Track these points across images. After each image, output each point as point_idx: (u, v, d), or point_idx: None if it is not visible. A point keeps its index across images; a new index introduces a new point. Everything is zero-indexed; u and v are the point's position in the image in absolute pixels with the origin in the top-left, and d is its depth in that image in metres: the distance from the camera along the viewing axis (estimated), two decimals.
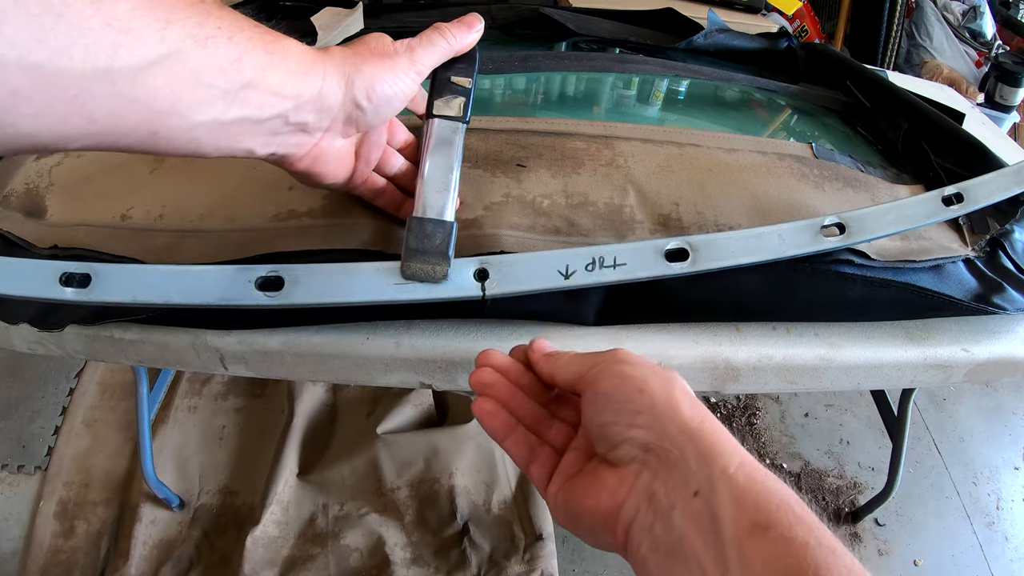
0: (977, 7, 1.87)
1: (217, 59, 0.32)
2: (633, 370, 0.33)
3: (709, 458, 0.29)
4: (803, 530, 0.26)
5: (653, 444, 0.31)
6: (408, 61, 0.42)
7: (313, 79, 0.37)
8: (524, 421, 0.39)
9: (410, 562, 0.98)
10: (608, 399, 0.33)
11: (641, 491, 0.30)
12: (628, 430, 0.32)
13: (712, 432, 0.30)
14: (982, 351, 0.54)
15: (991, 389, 1.46)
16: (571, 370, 0.36)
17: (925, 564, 1.13)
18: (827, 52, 0.90)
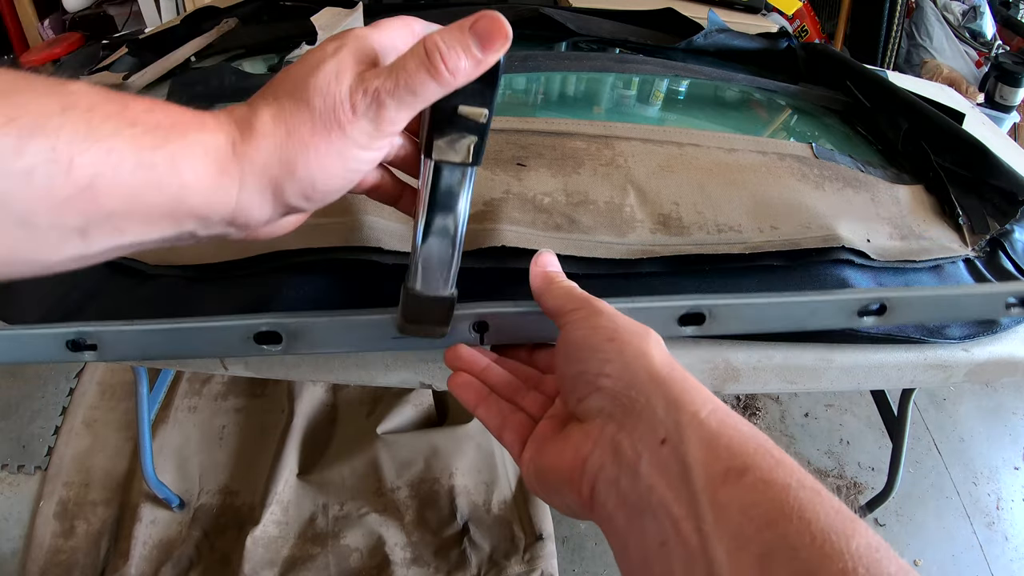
0: (977, 7, 1.87)
1: (53, 191, 0.23)
2: (606, 320, 0.32)
3: (678, 404, 0.27)
4: (784, 472, 0.24)
5: (620, 392, 0.29)
6: (370, 130, 0.29)
7: (223, 193, 0.28)
8: (498, 390, 0.38)
9: (410, 562, 0.98)
10: (579, 347, 0.32)
11: (606, 443, 0.29)
12: (597, 379, 0.30)
13: (682, 379, 0.29)
14: (982, 351, 0.54)
15: (991, 389, 1.46)
16: (557, 301, 0.36)
17: (925, 564, 1.13)
18: (827, 52, 0.90)
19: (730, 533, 0.23)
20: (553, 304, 0.36)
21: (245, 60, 0.89)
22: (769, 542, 0.22)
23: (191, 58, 0.85)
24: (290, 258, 0.49)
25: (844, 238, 0.54)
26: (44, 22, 2.02)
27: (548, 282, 0.37)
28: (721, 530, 0.23)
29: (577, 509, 0.30)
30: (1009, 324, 0.55)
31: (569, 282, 0.37)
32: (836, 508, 0.23)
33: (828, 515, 0.22)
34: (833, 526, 0.22)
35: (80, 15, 2.03)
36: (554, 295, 0.36)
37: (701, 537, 0.23)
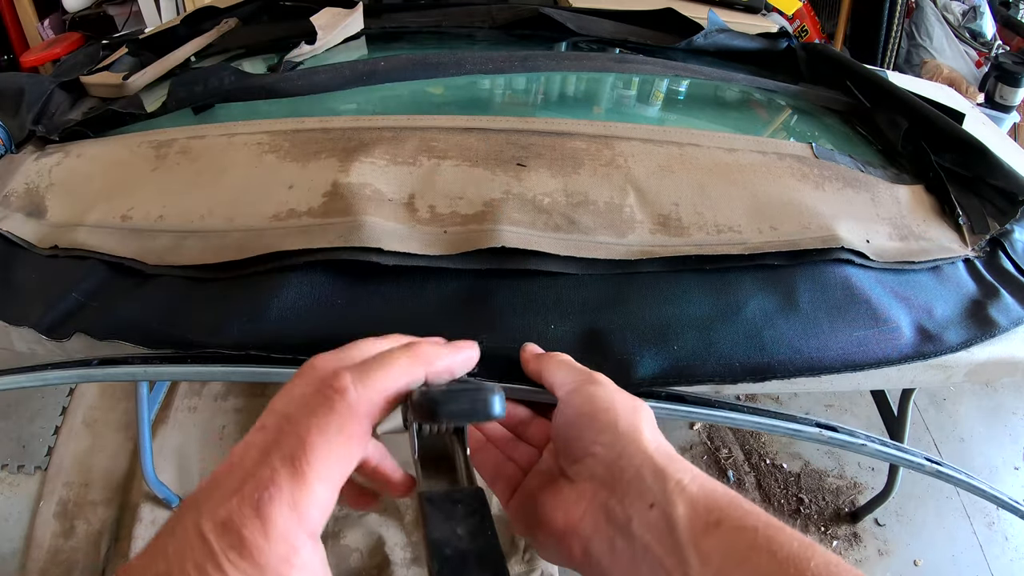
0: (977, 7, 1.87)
1: None
2: (604, 392, 0.36)
3: (664, 474, 0.31)
4: (752, 518, 0.29)
5: (612, 461, 0.33)
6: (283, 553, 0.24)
7: None
8: (492, 440, 0.42)
9: (410, 562, 0.98)
10: (577, 414, 0.35)
11: (598, 508, 0.32)
12: (591, 446, 0.34)
13: (667, 454, 0.33)
14: (982, 351, 0.54)
15: (991, 389, 1.46)
16: (556, 375, 0.39)
17: (925, 564, 1.13)
18: (827, 52, 0.90)
19: (713, 573, 0.27)
20: (554, 378, 0.39)
21: (245, 60, 0.89)
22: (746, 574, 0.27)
23: (191, 58, 0.85)
24: (290, 258, 0.49)
25: (843, 239, 0.54)
26: (44, 22, 2.02)
27: (544, 358, 0.41)
28: (706, 572, 0.28)
29: (563, 561, 0.34)
30: (1008, 325, 0.55)
31: (564, 357, 0.41)
32: (797, 539, 0.27)
33: (791, 545, 0.27)
34: (794, 552, 0.27)
35: (80, 15, 2.03)
36: (551, 370, 0.39)
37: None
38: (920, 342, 0.53)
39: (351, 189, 0.52)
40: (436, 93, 0.76)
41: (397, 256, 0.49)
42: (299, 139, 0.58)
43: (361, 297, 0.49)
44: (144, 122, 0.67)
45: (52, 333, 0.49)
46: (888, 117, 0.75)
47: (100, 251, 0.52)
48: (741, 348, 0.49)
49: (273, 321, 0.47)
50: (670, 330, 0.49)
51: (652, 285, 0.51)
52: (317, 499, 0.25)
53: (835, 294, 0.53)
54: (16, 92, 0.73)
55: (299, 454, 0.26)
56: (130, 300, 0.50)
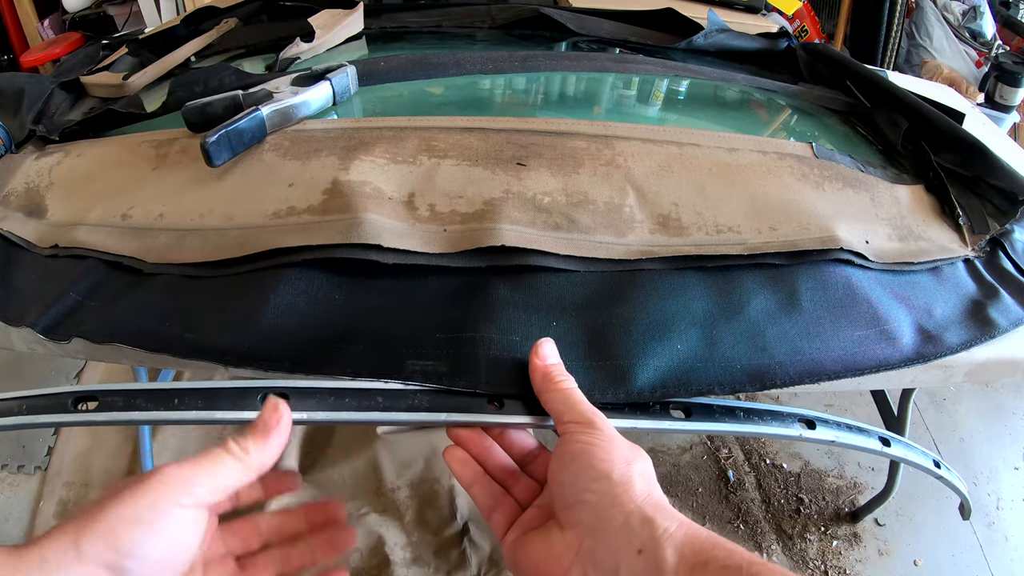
0: (977, 7, 1.87)
1: None
2: (603, 441, 0.36)
3: (652, 522, 0.32)
4: (737, 558, 0.30)
5: (603, 509, 0.33)
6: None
7: None
8: (493, 472, 0.42)
9: (410, 562, 0.98)
10: (573, 460, 0.36)
11: (585, 556, 0.33)
12: (583, 493, 0.34)
13: (656, 503, 0.34)
14: (982, 351, 0.54)
15: (991, 389, 1.46)
16: (557, 407, 0.39)
17: (925, 564, 1.13)
18: (827, 52, 0.90)
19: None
20: (553, 408, 0.39)
21: (245, 60, 0.89)
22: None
23: (191, 58, 0.85)
24: (289, 256, 0.49)
25: (843, 239, 0.54)
26: (44, 22, 2.02)
27: (548, 382, 0.40)
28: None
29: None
30: (1008, 326, 0.55)
31: (569, 386, 0.40)
32: (780, 572, 0.29)
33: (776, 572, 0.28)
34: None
35: (80, 15, 2.03)
36: (555, 400, 0.39)
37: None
38: (920, 343, 0.53)
39: (351, 187, 0.52)
40: (436, 93, 0.76)
41: (397, 254, 0.49)
42: (299, 138, 0.58)
43: (360, 294, 0.49)
44: (144, 122, 0.67)
45: (50, 334, 0.49)
46: (888, 117, 0.75)
47: (100, 249, 0.52)
48: (743, 347, 0.49)
49: (270, 318, 0.47)
50: (672, 326, 0.49)
51: (654, 282, 0.51)
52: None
53: (836, 294, 0.53)
54: (16, 92, 0.73)
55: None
56: (127, 301, 0.50)
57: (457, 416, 0.40)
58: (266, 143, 0.58)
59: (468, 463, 0.41)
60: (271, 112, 0.57)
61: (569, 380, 0.40)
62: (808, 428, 0.45)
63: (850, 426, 0.47)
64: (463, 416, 0.41)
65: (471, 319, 0.47)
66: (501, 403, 0.41)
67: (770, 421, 0.45)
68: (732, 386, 0.48)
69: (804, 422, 0.46)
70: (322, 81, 0.63)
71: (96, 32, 1.99)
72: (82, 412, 0.37)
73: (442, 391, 0.42)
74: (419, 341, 0.47)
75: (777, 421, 0.45)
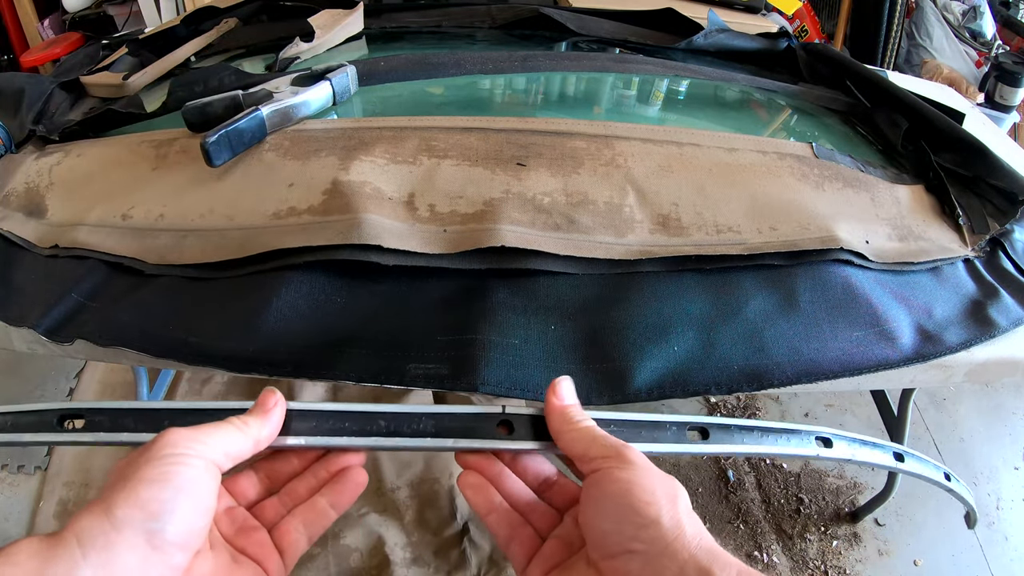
0: (977, 7, 1.87)
1: None
2: (643, 479, 0.33)
3: (709, 573, 0.29)
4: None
5: (654, 559, 0.30)
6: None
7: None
8: (509, 499, 0.38)
9: (410, 562, 0.98)
10: (614, 505, 0.32)
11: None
12: (630, 542, 0.31)
13: (709, 550, 0.31)
14: (982, 351, 0.54)
15: (991, 389, 1.45)
16: (579, 447, 0.35)
17: (925, 564, 1.13)
18: (827, 52, 0.90)
19: None
20: (576, 448, 0.36)
21: (245, 60, 0.89)
22: None
23: (191, 58, 0.85)
24: (290, 257, 0.49)
25: (842, 240, 0.54)
26: (44, 22, 2.02)
27: (567, 422, 0.37)
28: None
29: None
30: (1008, 326, 0.55)
31: (589, 423, 0.37)
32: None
33: None
34: None
35: (80, 15, 2.03)
36: (576, 439, 0.36)
37: None
38: (920, 343, 0.53)
39: (351, 187, 0.52)
40: (436, 93, 0.76)
41: (397, 255, 0.49)
42: (299, 138, 0.58)
43: (361, 295, 0.49)
44: (144, 122, 0.67)
45: (53, 336, 0.49)
46: (888, 117, 0.75)
47: (100, 250, 0.52)
48: (740, 349, 0.49)
49: (273, 322, 0.47)
50: (670, 329, 0.49)
51: (652, 285, 0.51)
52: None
53: (835, 294, 0.53)
54: (16, 92, 0.73)
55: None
56: (130, 303, 0.50)
57: (465, 442, 0.38)
58: (266, 143, 0.58)
59: (482, 489, 0.38)
60: (271, 112, 0.57)
61: (588, 419, 0.37)
62: (825, 446, 0.45)
63: (864, 441, 0.46)
64: (471, 442, 0.38)
65: (471, 322, 0.48)
66: (511, 428, 0.39)
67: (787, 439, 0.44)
68: (729, 386, 0.48)
69: (821, 440, 0.45)
70: (322, 81, 0.63)
71: (96, 32, 1.99)
72: (68, 431, 0.37)
73: (448, 414, 0.39)
74: (420, 345, 0.47)
75: (795, 439, 0.44)
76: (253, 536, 0.35)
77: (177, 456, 0.30)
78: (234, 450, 0.33)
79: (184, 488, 0.30)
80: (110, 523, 0.27)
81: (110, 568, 0.27)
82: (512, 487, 0.39)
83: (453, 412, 0.38)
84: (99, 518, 0.28)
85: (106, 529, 0.27)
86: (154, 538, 0.28)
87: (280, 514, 0.37)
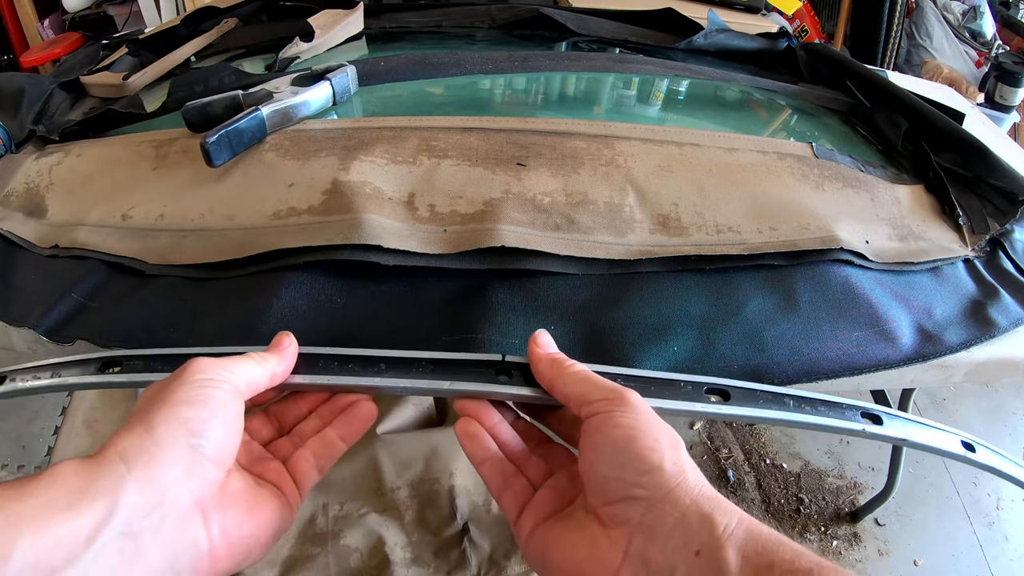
0: (977, 7, 1.87)
1: None
2: (646, 425, 0.32)
3: (711, 520, 0.29)
4: (804, 561, 0.27)
5: (655, 505, 0.30)
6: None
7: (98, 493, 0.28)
8: (504, 449, 0.38)
9: (410, 562, 0.98)
10: (615, 451, 0.32)
11: (636, 558, 0.30)
12: (632, 489, 0.31)
13: (712, 497, 0.31)
14: (982, 351, 0.54)
15: (991, 389, 1.46)
16: (576, 389, 0.35)
17: (925, 564, 1.13)
18: (827, 52, 0.90)
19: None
20: (573, 393, 0.35)
21: (245, 60, 0.89)
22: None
23: (191, 58, 0.85)
24: (290, 257, 0.49)
25: (842, 240, 0.54)
26: (44, 22, 2.02)
27: (558, 367, 0.37)
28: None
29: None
30: (1008, 326, 0.55)
31: (582, 367, 0.37)
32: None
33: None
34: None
35: (80, 15, 2.03)
36: (572, 383, 0.36)
37: None
38: (920, 343, 0.53)
39: (351, 187, 0.52)
40: (436, 93, 0.76)
41: (397, 255, 0.49)
42: (299, 138, 0.58)
43: (361, 296, 0.49)
44: (144, 122, 0.67)
45: (53, 336, 0.49)
46: (888, 117, 0.75)
47: (100, 250, 0.52)
48: (740, 349, 0.49)
49: (273, 322, 0.47)
50: (670, 330, 0.49)
51: (652, 285, 0.51)
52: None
53: (835, 294, 0.53)
54: (16, 92, 0.73)
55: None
56: (130, 303, 0.50)
57: (461, 384, 0.38)
58: (266, 143, 0.58)
59: (479, 439, 0.38)
60: (271, 112, 0.58)
61: (579, 364, 0.37)
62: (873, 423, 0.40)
63: (923, 423, 0.43)
64: (468, 385, 0.38)
65: (471, 322, 0.48)
66: (510, 375, 0.39)
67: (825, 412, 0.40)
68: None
69: (869, 417, 0.41)
70: (322, 81, 0.63)
71: (96, 32, 1.99)
72: (109, 374, 0.41)
73: (447, 360, 0.40)
74: (420, 345, 0.47)
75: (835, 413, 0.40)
76: (268, 465, 0.37)
77: (208, 380, 0.32)
78: (254, 381, 0.35)
79: (219, 409, 0.32)
80: (152, 440, 0.29)
81: (155, 482, 0.28)
82: (507, 438, 0.39)
83: (452, 358, 0.39)
84: (141, 436, 0.29)
85: (148, 446, 0.29)
86: (194, 453, 0.30)
87: (290, 451, 0.38)
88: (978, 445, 0.45)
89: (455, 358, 0.40)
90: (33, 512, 0.25)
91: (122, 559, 0.27)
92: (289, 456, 0.38)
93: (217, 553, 0.31)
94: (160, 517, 0.28)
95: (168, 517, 0.28)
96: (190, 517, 0.29)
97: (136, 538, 0.27)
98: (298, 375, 0.39)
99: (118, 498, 0.27)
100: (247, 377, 0.34)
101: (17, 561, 0.24)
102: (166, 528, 0.28)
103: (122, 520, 0.27)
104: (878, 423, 0.42)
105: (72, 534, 0.25)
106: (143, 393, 0.33)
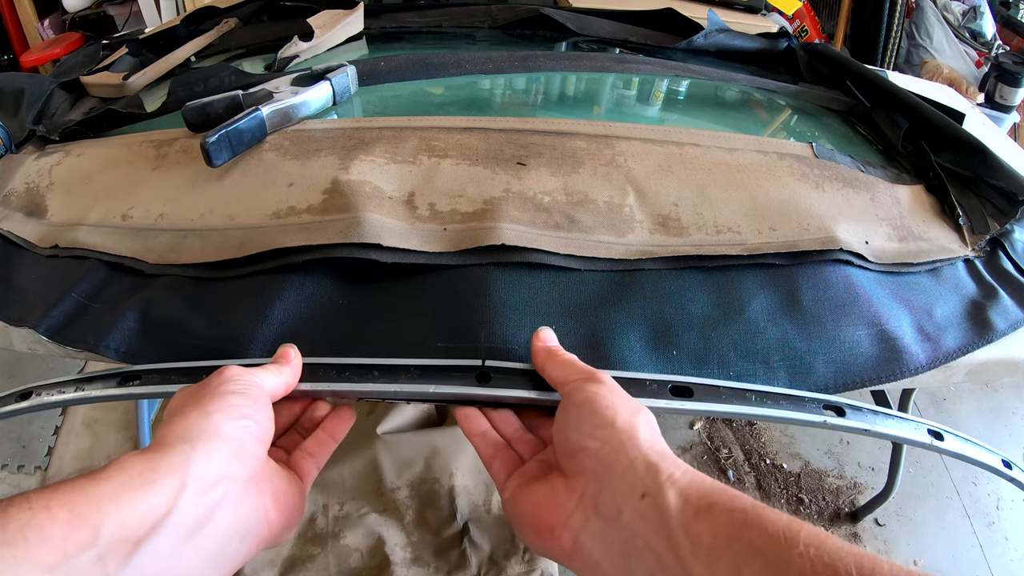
0: (977, 7, 1.87)
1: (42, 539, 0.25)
2: (608, 392, 0.37)
3: (656, 467, 0.32)
4: (741, 501, 0.30)
5: (606, 454, 0.34)
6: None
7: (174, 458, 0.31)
8: (498, 429, 0.43)
9: (410, 562, 0.98)
10: (578, 410, 0.36)
11: (588, 502, 0.33)
12: (586, 439, 0.35)
13: (661, 452, 0.34)
14: (982, 351, 0.54)
15: (991, 389, 1.46)
16: (561, 371, 0.40)
17: (925, 564, 1.13)
18: (827, 52, 0.90)
19: (705, 553, 0.28)
20: (559, 374, 0.40)
21: (245, 60, 0.89)
22: (737, 551, 0.28)
23: (191, 58, 0.85)
24: (290, 256, 0.49)
25: (842, 240, 0.54)
26: (44, 22, 2.02)
27: (551, 354, 0.42)
28: (697, 553, 0.28)
29: (554, 555, 0.35)
30: (1008, 327, 0.55)
31: (571, 355, 0.41)
32: (786, 516, 0.28)
33: (780, 521, 0.28)
34: (784, 526, 0.28)
35: (80, 15, 2.03)
36: (558, 367, 0.40)
37: (681, 563, 0.29)
38: (920, 345, 0.53)
39: (351, 186, 0.52)
40: (436, 93, 0.76)
41: (397, 253, 0.49)
42: (299, 138, 0.58)
43: (362, 296, 0.49)
44: (144, 122, 0.67)
45: (54, 336, 0.49)
46: (888, 117, 0.75)
47: (100, 250, 0.52)
48: (741, 349, 0.49)
49: (276, 324, 0.47)
50: (671, 330, 0.49)
51: (653, 284, 0.51)
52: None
53: (835, 294, 0.53)
54: (16, 92, 0.73)
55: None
56: (131, 303, 0.50)
57: (445, 387, 0.42)
58: (266, 143, 0.58)
59: (474, 417, 0.43)
60: (271, 112, 0.58)
61: (570, 354, 0.42)
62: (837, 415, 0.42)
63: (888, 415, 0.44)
64: (451, 387, 0.42)
65: (472, 325, 0.47)
66: (489, 379, 0.43)
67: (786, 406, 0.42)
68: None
69: (832, 409, 0.43)
70: (322, 81, 0.63)
71: (96, 32, 1.99)
72: (129, 386, 0.44)
73: (433, 366, 0.43)
74: (421, 345, 0.47)
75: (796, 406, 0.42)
76: (279, 454, 0.41)
77: (244, 381, 0.37)
78: (273, 387, 0.39)
79: (259, 400, 0.36)
80: (209, 422, 0.33)
81: (216, 456, 0.32)
82: (503, 420, 0.43)
83: (438, 365, 0.43)
84: (199, 420, 0.33)
85: (207, 426, 0.33)
86: (244, 433, 0.34)
87: (284, 456, 0.42)
88: (946, 433, 0.47)
89: (441, 364, 0.43)
90: (111, 493, 0.28)
91: (198, 525, 0.30)
92: (287, 458, 0.42)
93: (272, 518, 0.35)
94: (224, 488, 0.32)
95: (232, 488, 0.32)
96: (248, 487, 0.33)
97: (208, 507, 0.31)
98: (303, 383, 0.42)
99: (188, 470, 0.30)
100: (270, 383, 0.39)
101: (106, 536, 0.27)
102: (232, 496, 0.32)
103: (194, 491, 0.30)
104: (841, 415, 0.44)
105: (151, 508, 0.28)
106: (175, 398, 0.37)
